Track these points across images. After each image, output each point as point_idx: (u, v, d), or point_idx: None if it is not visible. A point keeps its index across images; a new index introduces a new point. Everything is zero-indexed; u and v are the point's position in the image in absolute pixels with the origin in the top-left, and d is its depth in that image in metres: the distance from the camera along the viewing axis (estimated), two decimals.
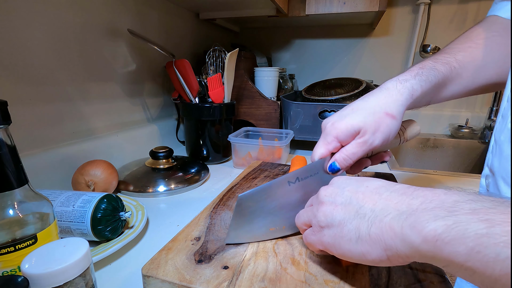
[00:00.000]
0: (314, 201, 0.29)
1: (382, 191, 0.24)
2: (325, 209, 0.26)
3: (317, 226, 0.27)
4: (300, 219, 0.31)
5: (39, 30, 0.49)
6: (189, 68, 0.70)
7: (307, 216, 0.29)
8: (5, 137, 0.25)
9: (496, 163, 0.33)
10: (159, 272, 0.29)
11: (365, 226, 0.23)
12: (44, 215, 0.28)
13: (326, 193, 0.27)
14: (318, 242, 0.27)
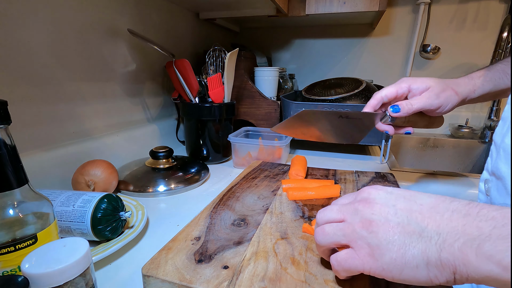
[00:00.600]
0: (351, 218, 0.25)
1: (441, 210, 0.22)
2: (378, 229, 0.23)
3: (365, 247, 0.24)
4: (330, 239, 0.26)
5: (39, 30, 0.49)
6: (189, 68, 0.69)
7: (344, 236, 0.25)
8: (5, 137, 0.25)
9: (504, 168, 0.33)
10: (159, 272, 0.29)
11: (433, 251, 0.21)
12: (44, 215, 0.28)
13: (374, 211, 0.24)
14: (365, 266, 0.24)
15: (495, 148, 0.36)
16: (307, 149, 0.87)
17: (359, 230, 0.24)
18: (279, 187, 0.51)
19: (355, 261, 0.24)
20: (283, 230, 0.37)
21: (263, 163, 0.65)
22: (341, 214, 0.27)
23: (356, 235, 0.24)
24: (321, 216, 0.28)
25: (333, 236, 0.26)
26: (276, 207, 0.43)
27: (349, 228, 0.25)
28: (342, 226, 0.26)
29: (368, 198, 0.26)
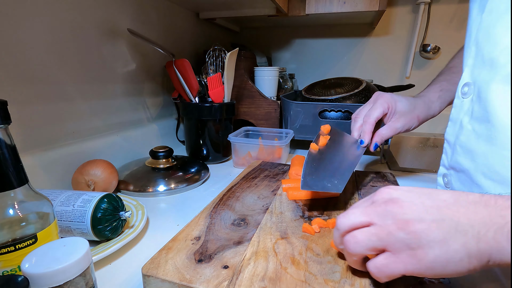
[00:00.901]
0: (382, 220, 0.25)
1: (464, 204, 0.23)
2: (415, 229, 0.23)
3: (406, 249, 0.23)
4: (365, 245, 0.25)
5: (39, 30, 0.49)
6: (189, 67, 0.69)
7: (380, 240, 0.24)
8: (5, 137, 0.25)
9: (466, 162, 0.36)
10: (159, 271, 0.29)
11: (472, 243, 0.22)
12: (44, 214, 0.28)
13: (405, 210, 0.24)
14: (408, 268, 0.23)
15: (449, 146, 0.40)
16: (307, 149, 0.87)
17: (396, 232, 0.23)
18: (279, 187, 0.51)
19: (397, 265, 0.24)
20: (283, 230, 0.37)
21: (263, 163, 0.65)
22: (367, 217, 0.26)
23: (393, 238, 0.23)
24: (344, 221, 0.27)
25: (368, 243, 0.25)
26: (276, 207, 0.43)
27: (383, 231, 0.24)
28: (375, 231, 0.24)
29: (392, 198, 0.25)
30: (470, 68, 0.37)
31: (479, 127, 0.34)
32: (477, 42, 0.36)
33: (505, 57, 0.31)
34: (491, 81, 0.33)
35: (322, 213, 0.42)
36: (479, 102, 0.34)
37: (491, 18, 0.34)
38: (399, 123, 0.46)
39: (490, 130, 0.33)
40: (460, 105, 0.38)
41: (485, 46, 0.34)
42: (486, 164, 0.33)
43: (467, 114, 0.37)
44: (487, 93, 0.33)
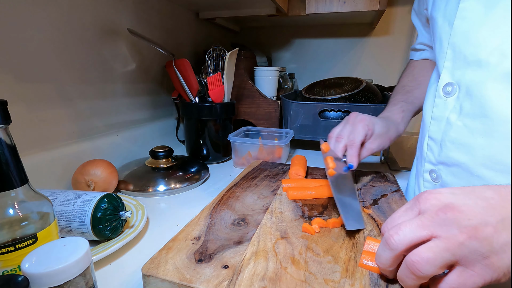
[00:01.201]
0: (447, 231, 0.22)
1: (507, 198, 0.23)
2: (485, 234, 0.21)
3: (480, 259, 0.21)
4: (438, 263, 0.22)
5: (39, 30, 0.49)
6: (189, 67, 0.69)
7: (453, 255, 0.22)
8: (5, 137, 0.25)
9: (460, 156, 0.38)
10: (159, 271, 0.29)
11: None
12: (44, 214, 0.28)
13: (467, 216, 0.22)
14: (486, 278, 0.22)
15: (434, 143, 0.42)
16: (307, 149, 0.87)
17: (468, 242, 0.21)
18: (279, 187, 0.51)
19: (474, 278, 0.22)
20: (283, 230, 0.37)
21: (263, 162, 0.65)
22: (426, 229, 0.23)
23: (466, 249, 0.21)
24: (400, 239, 0.24)
25: (442, 260, 0.22)
26: (276, 207, 0.43)
27: (453, 243, 0.22)
28: (444, 245, 0.22)
29: (446, 204, 0.23)
30: (449, 70, 0.39)
31: (472, 123, 0.36)
32: (454, 47, 0.38)
33: (496, 57, 0.33)
34: (484, 80, 0.34)
35: (322, 212, 0.42)
36: (470, 100, 0.36)
37: (467, 24, 0.36)
38: (374, 145, 0.48)
39: (488, 124, 0.34)
40: (443, 104, 0.40)
41: (467, 49, 0.36)
42: (486, 155, 0.35)
43: (454, 112, 0.38)
44: (481, 91, 0.35)
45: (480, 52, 0.35)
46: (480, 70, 0.35)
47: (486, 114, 0.34)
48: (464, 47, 0.37)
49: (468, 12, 0.36)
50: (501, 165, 0.34)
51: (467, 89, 0.36)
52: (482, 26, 0.35)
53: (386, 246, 0.24)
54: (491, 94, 0.34)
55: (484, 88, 0.34)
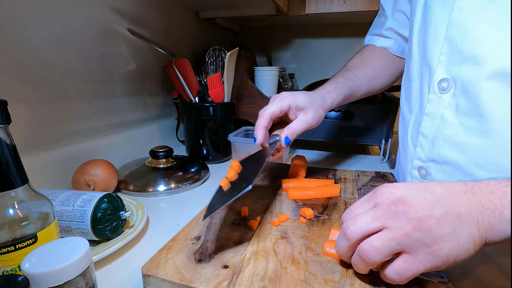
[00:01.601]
0: (395, 222, 0.24)
1: (457, 194, 0.25)
2: (429, 226, 0.23)
3: (423, 248, 0.23)
4: (385, 252, 0.24)
5: (39, 30, 0.49)
6: (189, 67, 0.69)
7: (399, 244, 0.24)
8: (5, 137, 0.25)
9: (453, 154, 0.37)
10: (159, 271, 0.29)
11: (475, 230, 0.23)
12: (44, 214, 0.28)
13: (416, 209, 0.24)
14: (426, 265, 0.24)
15: (425, 140, 0.41)
16: (307, 149, 0.87)
17: (412, 232, 0.23)
18: (279, 187, 0.51)
19: (417, 265, 0.24)
20: (283, 230, 0.37)
21: None
22: (378, 221, 0.25)
23: (410, 239, 0.24)
24: (355, 230, 0.26)
25: (389, 248, 0.24)
26: (276, 207, 0.43)
27: (400, 233, 0.24)
28: (392, 235, 0.24)
29: (398, 198, 0.25)
30: (444, 64, 0.37)
31: (468, 121, 0.35)
32: (450, 40, 0.36)
33: (493, 54, 0.32)
34: (480, 77, 0.33)
35: (322, 212, 0.42)
36: (466, 98, 0.35)
37: (464, 16, 0.35)
38: (309, 115, 0.44)
39: (485, 124, 0.33)
40: (438, 100, 0.38)
41: (464, 44, 0.35)
42: (481, 155, 0.34)
43: (450, 109, 0.37)
44: (476, 89, 0.34)
45: (477, 47, 0.33)
46: (476, 67, 0.33)
47: (481, 113, 0.33)
48: (461, 41, 0.35)
49: (466, 3, 0.34)
50: (494, 165, 0.33)
51: (463, 86, 0.35)
52: (480, 19, 0.33)
53: (343, 236, 0.27)
54: (487, 93, 0.33)
55: (480, 86, 0.33)
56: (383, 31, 0.57)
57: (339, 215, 0.41)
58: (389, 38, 0.57)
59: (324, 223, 0.39)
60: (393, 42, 0.57)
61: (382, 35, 0.58)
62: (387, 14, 0.57)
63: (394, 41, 0.57)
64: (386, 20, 0.57)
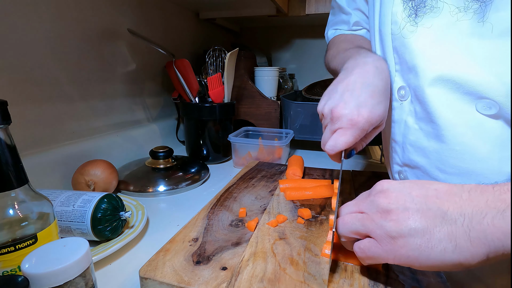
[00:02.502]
0: (369, 209, 0.26)
1: (457, 192, 0.23)
2: (397, 217, 0.24)
3: (386, 237, 0.24)
4: (349, 228, 0.27)
5: (39, 30, 0.49)
6: (189, 67, 0.70)
7: (363, 226, 0.26)
8: (5, 137, 0.25)
9: (419, 159, 0.37)
10: (157, 274, 0.29)
11: (461, 232, 0.21)
12: (44, 214, 0.28)
13: (390, 200, 0.25)
14: (389, 255, 0.24)
15: (397, 145, 0.41)
16: (307, 149, 0.87)
17: (378, 220, 0.25)
18: (276, 187, 0.51)
19: (377, 250, 0.25)
20: (281, 231, 0.37)
21: (260, 163, 0.65)
22: (357, 207, 0.28)
23: (374, 225, 0.25)
24: (341, 210, 0.30)
25: (352, 226, 0.27)
26: (274, 207, 0.43)
27: (367, 218, 0.26)
28: (360, 217, 0.27)
29: (382, 190, 0.26)
30: (400, 73, 0.38)
31: (425, 127, 0.36)
32: (397, 50, 0.38)
33: (426, 62, 0.34)
34: (424, 85, 0.34)
35: (319, 213, 0.42)
36: (419, 104, 0.36)
37: (399, 29, 0.36)
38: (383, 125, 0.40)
39: (437, 129, 0.34)
40: (400, 107, 0.39)
41: (406, 54, 0.36)
42: (439, 159, 0.35)
43: (410, 115, 0.38)
44: (424, 96, 0.34)
45: (414, 58, 0.35)
46: (419, 75, 0.34)
47: (432, 119, 0.34)
48: (403, 52, 0.36)
49: (396, 17, 0.36)
50: (453, 168, 0.34)
51: (415, 94, 0.36)
52: (411, 31, 0.35)
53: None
54: (432, 100, 0.34)
55: (425, 93, 0.34)
56: (352, 26, 0.55)
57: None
58: (360, 29, 0.55)
59: (322, 223, 0.39)
60: (365, 31, 0.55)
61: (352, 29, 0.56)
62: (348, 11, 0.54)
63: (366, 31, 0.55)
64: (349, 17, 0.55)
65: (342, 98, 0.36)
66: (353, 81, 0.37)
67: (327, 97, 0.39)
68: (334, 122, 0.36)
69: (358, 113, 0.35)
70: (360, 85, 0.36)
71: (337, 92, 0.38)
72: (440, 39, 0.33)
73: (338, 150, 0.36)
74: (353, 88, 0.36)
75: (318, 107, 0.41)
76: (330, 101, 0.38)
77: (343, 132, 0.35)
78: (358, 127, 0.35)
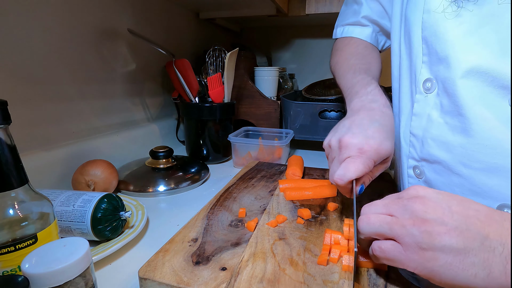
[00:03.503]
0: (400, 213, 0.25)
1: (498, 219, 0.22)
2: (432, 230, 0.22)
3: (415, 246, 0.23)
4: (374, 229, 0.26)
5: (39, 30, 0.49)
6: (189, 67, 0.70)
7: (390, 230, 0.25)
8: (5, 137, 0.25)
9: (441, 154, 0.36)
10: (156, 274, 0.29)
11: (497, 262, 0.21)
12: (44, 214, 0.28)
13: (427, 209, 0.24)
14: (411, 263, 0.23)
15: (416, 139, 0.39)
16: (307, 149, 0.87)
17: (410, 227, 0.23)
18: (276, 187, 0.51)
19: (401, 256, 0.24)
20: (281, 231, 0.37)
21: (260, 163, 0.65)
22: (386, 208, 0.26)
23: (404, 232, 0.24)
24: (366, 211, 0.28)
25: (378, 228, 0.25)
26: (274, 208, 0.43)
27: (398, 223, 0.24)
28: (390, 220, 0.25)
29: (419, 195, 0.25)
30: (427, 65, 0.37)
31: (452, 121, 0.35)
32: (426, 41, 0.37)
33: (461, 53, 0.32)
34: (455, 77, 0.33)
35: (319, 213, 0.42)
36: (447, 97, 0.35)
37: (432, 18, 0.35)
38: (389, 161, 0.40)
39: (464, 123, 0.33)
40: (424, 100, 0.38)
41: (437, 44, 0.35)
42: (465, 154, 0.34)
43: (435, 109, 0.37)
44: (454, 88, 0.34)
45: (448, 48, 0.34)
46: (451, 66, 0.34)
47: (461, 112, 0.34)
48: (434, 42, 0.35)
49: (432, 5, 0.35)
50: (478, 163, 0.33)
51: (443, 86, 0.35)
52: (445, 19, 0.34)
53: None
54: (463, 92, 0.33)
55: (456, 85, 0.33)
56: (360, 18, 0.54)
57: (337, 215, 0.41)
58: (367, 26, 0.54)
59: (321, 223, 0.39)
60: (371, 30, 0.54)
61: (360, 23, 0.55)
62: (361, 1, 0.54)
63: (372, 29, 0.54)
64: (360, 8, 0.54)
65: (350, 130, 0.37)
66: (360, 118, 0.38)
67: (333, 132, 0.40)
68: (342, 151, 0.36)
69: (367, 143, 0.35)
70: (367, 121, 0.37)
71: (344, 126, 0.38)
72: (478, 28, 0.31)
73: (348, 180, 0.34)
74: (360, 123, 0.37)
75: (325, 142, 0.40)
76: (337, 134, 0.38)
77: (352, 160, 0.34)
78: (367, 155, 0.34)
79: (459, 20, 0.33)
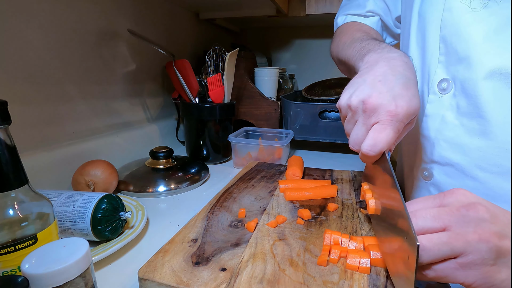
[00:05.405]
0: (460, 225, 0.22)
1: None
2: (502, 245, 0.21)
3: (479, 262, 0.21)
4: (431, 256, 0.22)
5: (39, 30, 0.49)
6: (189, 68, 0.70)
7: (452, 250, 0.21)
8: (5, 137, 0.25)
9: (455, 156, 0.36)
10: (155, 275, 0.29)
11: None
12: (44, 215, 0.28)
13: (495, 221, 0.21)
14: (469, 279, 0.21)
15: (427, 141, 0.38)
16: (307, 149, 0.87)
17: (476, 243, 0.20)
18: (276, 188, 0.51)
19: (456, 273, 0.21)
20: (280, 231, 0.37)
21: (260, 163, 0.65)
22: (440, 222, 0.22)
23: (469, 248, 0.21)
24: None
25: (438, 253, 0.21)
26: (274, 208, 0.43)
27: (459, 240, 0.21)
28: (448, 239, 0.21)
29: (473, 202, 0.22)
30: (444, 65, 0.36)
31: (469, 123, 0.34)
32: (445, 40, 0.35)
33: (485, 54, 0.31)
34: (477, 77, 0.32)
35: (319, 213, 0.42)
36: (466, 98, 0.34)
37: (454, 17, 0.34)
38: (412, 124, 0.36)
39: (484, 125, 0.33)
40: (439, 101, 0.37)
41: (458, 44, 0.34)
42: (482, 157, 0.33)
43: (451, 110, 0.36)
44: (475, 89, 0.33)
45: (470, 48, 0.33)
46: (472, 67, 0.33)
47: (481, 114, 0.33)
48: (455, 41, 0.34)
49: (454, 3, 0.34)
50: (496, 167, 0.33)
51: (462, 87, 0.34)
52: (470, 19, 0.33)
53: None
54: (486, 93, 0.32)
55: (478, 86, 0.32)
56: (365, 12, 0.53)
57: (337, 216, 0.41)
58: (373, 16, 0.53)
59: (321, 224, 0.39)
60: (377, 18, 0.53)
61: (364, 15, 0.54)
62: None
63: (378, 18, 0.53)
64: (366, 2, 0.52)
65: (374, 88, 0.31)
66: (383, 72, 0.32)
67: (351, 89, 0.33)
68: (369, 115, 0.30)
69: (397, 104, 0.29)
70: (391, 76, 0.31)
71: (366, 82, 0.32)
72: (503, 28, 0.30)
73: (380, 151, 0.30)
74: (384, 79, 0.31)
75: (341, 101, 0.34)
76: (358, 92, 0.31)
77: (382, 128, 0.29)
78: (397, 119, 0.29)
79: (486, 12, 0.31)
